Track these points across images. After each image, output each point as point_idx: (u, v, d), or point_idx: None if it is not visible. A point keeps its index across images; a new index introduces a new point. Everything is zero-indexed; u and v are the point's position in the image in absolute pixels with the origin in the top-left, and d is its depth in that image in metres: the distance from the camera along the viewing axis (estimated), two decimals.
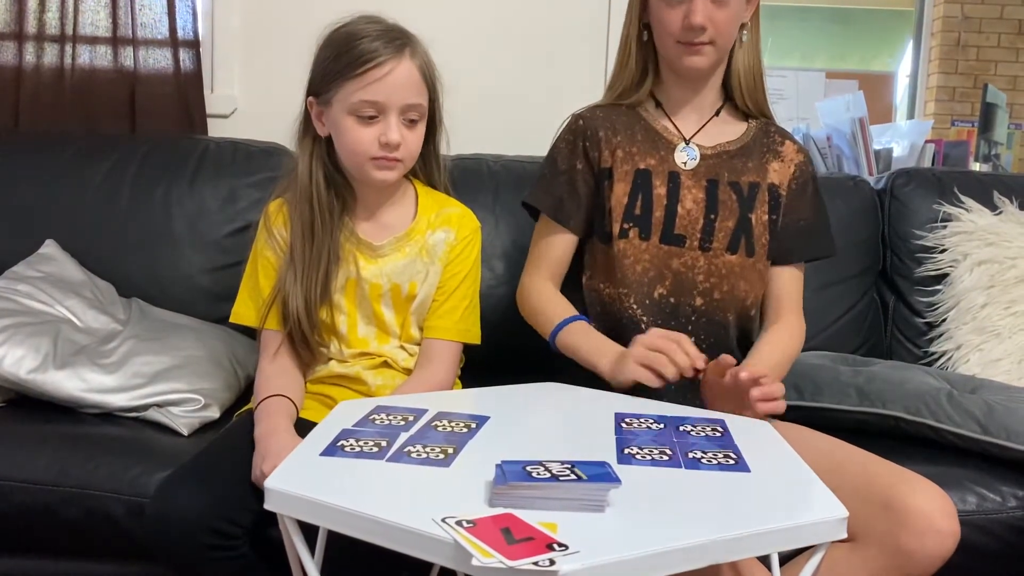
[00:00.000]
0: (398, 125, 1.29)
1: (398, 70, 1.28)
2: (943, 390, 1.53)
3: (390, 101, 1.28)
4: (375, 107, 1.27)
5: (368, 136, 1.28)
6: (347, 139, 1.30)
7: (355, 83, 1.27)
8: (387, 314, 1.39)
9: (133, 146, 1.94)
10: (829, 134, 2.32)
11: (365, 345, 1.39)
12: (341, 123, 1.30)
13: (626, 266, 1.36)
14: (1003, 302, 1.85)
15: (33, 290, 1.64)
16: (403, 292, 1.38)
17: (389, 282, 1.37)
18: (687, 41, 1.33)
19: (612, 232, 1.37)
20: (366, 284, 1.37)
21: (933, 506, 1.10)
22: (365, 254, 1.37)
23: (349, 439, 0.97)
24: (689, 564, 0.76)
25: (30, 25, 2.07)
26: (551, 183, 1.43)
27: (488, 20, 2.24)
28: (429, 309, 1.41)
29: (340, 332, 1.38)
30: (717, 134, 1.42)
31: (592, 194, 1.42)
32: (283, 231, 1.37)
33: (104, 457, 1.35)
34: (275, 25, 2.19)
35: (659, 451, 0.97)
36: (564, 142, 1.43)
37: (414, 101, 1.30)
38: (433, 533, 0.74)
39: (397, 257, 1.38)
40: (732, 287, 1.37)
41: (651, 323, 1.35)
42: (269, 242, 1.37)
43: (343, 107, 1.29)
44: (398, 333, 1.41)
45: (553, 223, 1.43)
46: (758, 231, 1.39)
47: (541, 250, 1.45)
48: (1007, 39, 4.23)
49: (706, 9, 1.30)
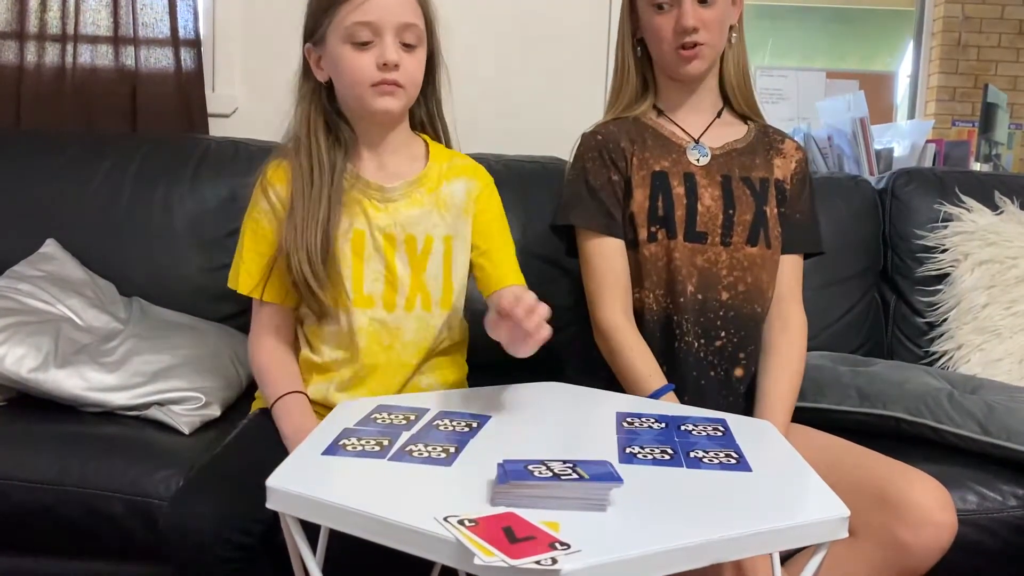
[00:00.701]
0: (395, 45, 1.26)
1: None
2: (944, 390, 1.53)
3: (383, 20, 1.25)
4: (369, 28, 1.25)
5: (366, 61, 1.25)
6: (345, 69, 1.27)
7: (346, 7, 1.25)
8: (401, 270, 1.32)
9: (134, 145, 1.94)
10: (830, 134, 2.32)
11: (370, 304, 1.32)
12: (338, 54, 1.27)
13: (659, 268, 1.37)
14: (1004, 302, 1.85)
15: (34, 289, 1.64)
16: (418, 246, 1.33)
17: (403, 232, 1.32)
18: (682, 45, 1.36)
19: (639, 238, 1.38)
20: (379, 235, 1.31)
21: (929, 498, 1.11)
22: (374, 200, 1.32)
23: (351, 438, 0.97)
24: (691, 563, 0.76)
25: (31, 24, 2.07)
26: (591, 201, 1.41)
27: (489, 19, 2.24)
28: (478, 268, 1.37)
29: (344, 286, 1.31)
30: (722, 135, 1.44)
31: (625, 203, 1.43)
32: (282, 192, 1.32)
33: (105, 456, 1.35)
34: (276, 24, 2.19)
35: (661, 450, 0.97)
36: (590, 160, 1.42)
37: (409, 20, 1.27)
38: (435, 532, 0.74)
39: (410, 204, 1.33)
40: (755, 279, 1.39)
41: (684, 320, 1.36)
42: (263, 205, 1.32)
43: (338, 37, 1.26)
44: (407, 295, 1.33)
45: (607, 239, 1.40)
46: (772, 224, 1.41)
47: (603, 272, 1.40)
48: (1008, 39, 4.22)
49: (695, 11, 1.34)
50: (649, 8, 1.38)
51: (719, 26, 1.37)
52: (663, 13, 1.36)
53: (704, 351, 1.37)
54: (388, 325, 1.32)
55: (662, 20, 1.36)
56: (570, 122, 1.75)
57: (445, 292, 1.35)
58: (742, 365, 1.39)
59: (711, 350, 1.37)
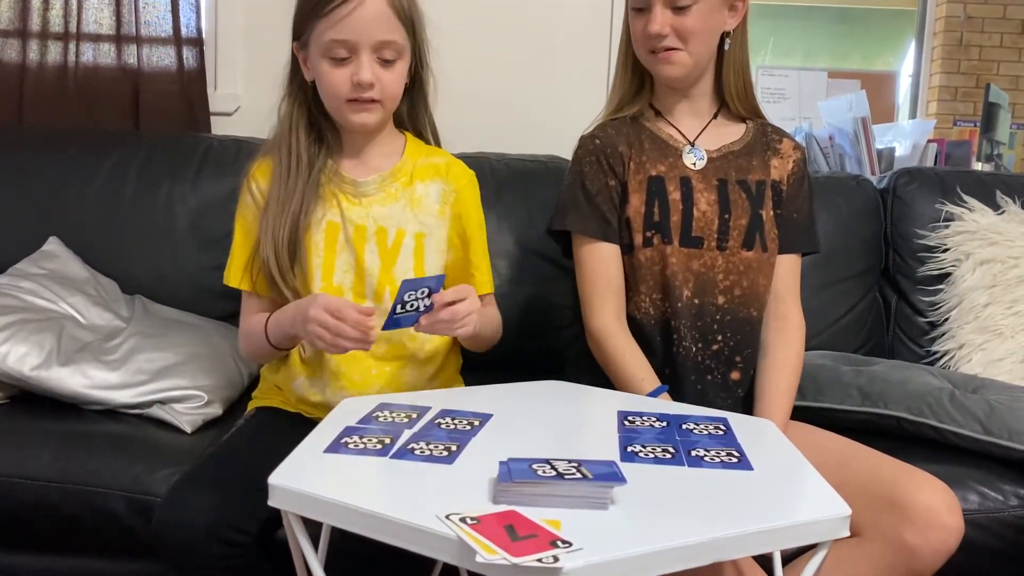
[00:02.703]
0: (371, 64, 1.25)
1: (366, 6, 1.24)
2: (945, 390, 1.53)
3: (360, 39, 1.24)
4: (345, 46, 1.24)
5: (341, 77, 1.26)
6: (323, 83, 1.28)
7: (324, 22, 1.24)
8: (370, 260, 1.33)
9: (136, 144, 1.94)
10: (832, 133, 2.32)
11: (339, 295, 1.31)
12: (318, 67, 1.28)
13: (655, 273, 1.37)
14: (1005, 302, 1.85)
15: (37, 287, 1.65)
16: (389, 239, 1.34)
17: (375, 224, 1.33)
18: (653, 49, 1.36)
19: (635, 243, 1.38)
20: (351, 227, 1.33)
21: (937, 501, 1.11)
22: (348, 193, 1.34)
23: (353, 436, 0.97)
24: (692, 562, 0.76)
25: (34, 23, 2.08)
26: (587, 206, 1.40)
27: (490, 18, 2.24)
28: (451, 269, 1.37)
29: (314, 275, 1.32)
30: (719, 137, 1.44)
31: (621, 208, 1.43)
32: (264, 185, 1.34)
33: (107, 454, 1.36)
34: (279, 23, 2.17)
35: (662, 449, 0.97)
36: (587, 164, 1.42)
37: (386, 38, 1.26)
38: (437, 530, 0.74)
39: (384, 200, 1.35)
40: (752, 283, 1.39)
41: (681, 324, 1.36)
42: (247, 200, 1.35)
43: (317, 49, 1.26)
44: (375, 288, 1.33)
45: (602, 244, 1.40)
46: (768, 227, 1.40)
47: (597, 276, 1.40)
48: (1009, 39, 4.22)
49: (664, 18, 1.33)
50: (630, 9, 1.39)
51: (698, 35, 1.34)
52: (639, 16, 1.37)
53: (701, 355, 1.37)
54: None
55: (636, 23, 1.37)
56: (571, 121, 1.75)
57: None
58: (739, 368, 1.39)
59: (708, 354, 1.37)
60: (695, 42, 1.35)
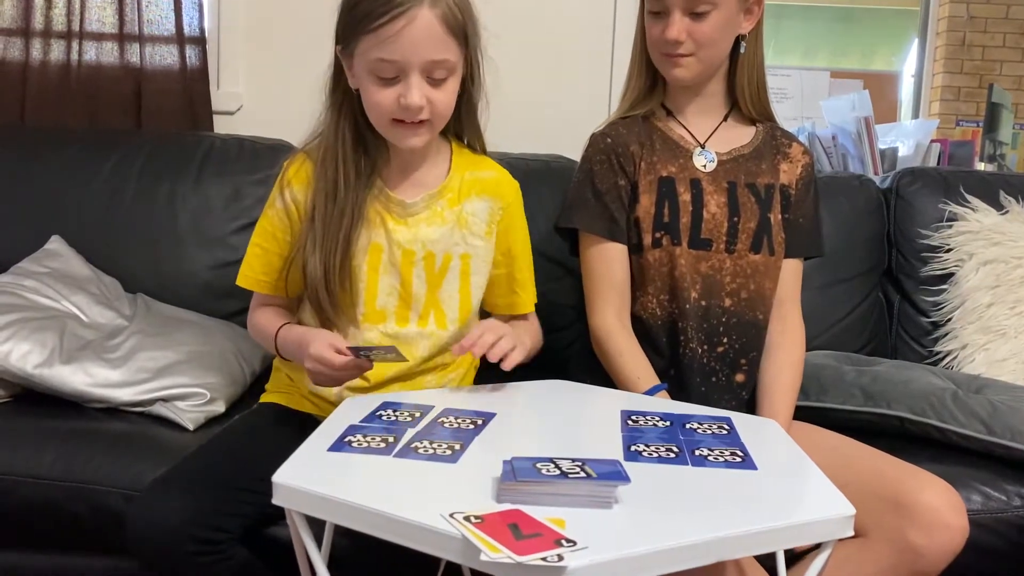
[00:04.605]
0: (420, 85, 1.16)
1: (416, 23, 1.14)
2: (948, 390, 1.53)
3: (409, 59, 1.15)
4: (394, 67, 1.15)
5: (388, 98, 1.17)
6: (368, 100, 1.20)
7: (370, 39, 1.15)
8: (417, 286, 1.29)
9: (139, 142, 1.94)
10: (834, 133, 2.31)
11: (382, 319, 1.29)
12: (363, 81, 1.20)
13: (664, 274, 1.37)
14: (1009, 302, 1.84)
15: (39, 285, 1.65)
16: (437, 263, 1.29)
17: (424, 249, 1.28)
18: (667, 53, 1.36)
19: (644, 243, 1.38)
20: (397, 250, 1.27)
21: (941, 501, 1.11)
22: (395, 214, 1.28)
23: (356, 435, 0.97)
24: (695, 561, 0.76)
25: (37, 21, 2.07)
26: (595, 205, 1.40)
27: (491, 18, 2.24)
28: (496, 284, 1.36)
29: (358, 300, 1.28)
30: (729, 139, 1.44)
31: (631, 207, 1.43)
32: (299, 194, 1.27)
33: (109, 452, 1.35)
34: (281, 22, 2.19)
35: (666, 448, 0.97)
36: (598, 163, 1.42)
37: (438, 57, 1.16)
38: (441, 528, 0.74)
39: (432, 221, 1.29)
40: (758, 286, 1.39)
41: (688, 325, 1.36)
42: (276, 203, 1.29)
43: (363, 64, 1.18)
44: (420, 311, 1.30)
45: (608, 244, 1.40)
46: (776, 230, 1.41)
47: (602, 275, 1.40)
48: (1012, 39, 4.21)
49: (682, 24, 1.33)
50: (647, 13, 1.39)
51: (713, 40, 1.35)
52: (656, 20, 1.37)
53: (707, 357, 1.37)
54: (399, 340, 1.29)
55: (654, 27, 1.37)
56: (574, 120, 1.76)
57: (462, 310, 1.33)
58: (744, 371, 1.39)
59: (714, 356, 1.37)
60: (709, 48, 1.35)
